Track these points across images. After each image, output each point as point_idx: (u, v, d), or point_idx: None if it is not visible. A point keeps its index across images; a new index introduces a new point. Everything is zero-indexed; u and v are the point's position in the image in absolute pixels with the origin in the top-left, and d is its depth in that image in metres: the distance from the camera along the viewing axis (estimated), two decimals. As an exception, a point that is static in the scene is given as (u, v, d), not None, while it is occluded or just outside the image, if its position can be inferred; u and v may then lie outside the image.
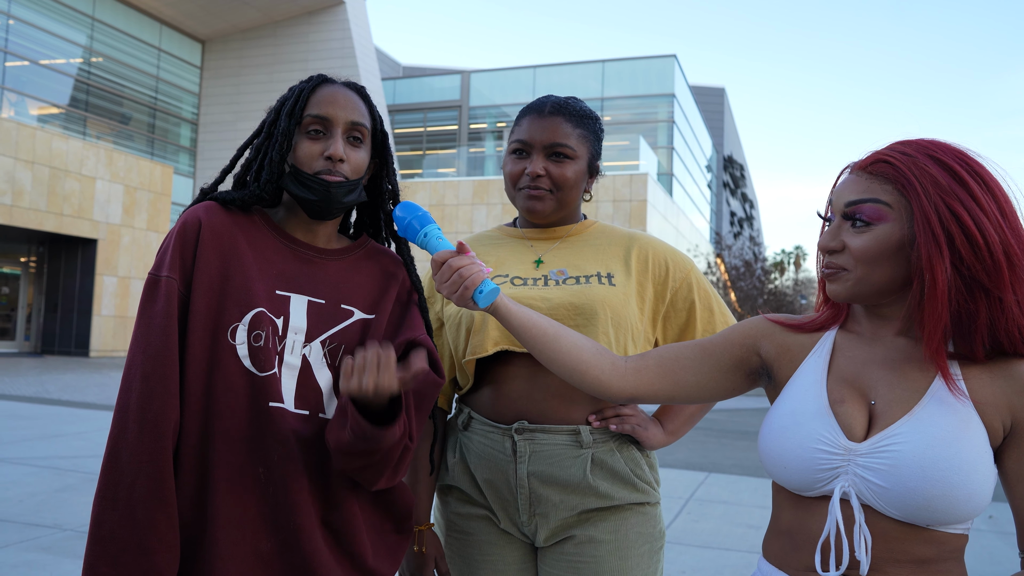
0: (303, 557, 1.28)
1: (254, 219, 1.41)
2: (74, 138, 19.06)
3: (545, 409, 1.57)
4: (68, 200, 18.39)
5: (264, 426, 1.29)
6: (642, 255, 1.67)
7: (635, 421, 1.59)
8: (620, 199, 23.21)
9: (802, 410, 1.16)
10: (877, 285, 1.13)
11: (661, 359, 1.33)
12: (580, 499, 1.56)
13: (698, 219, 36.88)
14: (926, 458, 1.04)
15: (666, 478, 6.83)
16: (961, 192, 1.06)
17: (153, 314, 1.27)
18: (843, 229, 1.14)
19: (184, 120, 26.36)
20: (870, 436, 1.10)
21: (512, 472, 1.57)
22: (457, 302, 1.31)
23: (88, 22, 22.05)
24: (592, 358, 1.33)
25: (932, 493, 1.03)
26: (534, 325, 1.34)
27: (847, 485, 1.09)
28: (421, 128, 32.32)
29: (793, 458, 1.13)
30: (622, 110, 29.59)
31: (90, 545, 1.20)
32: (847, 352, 1.19)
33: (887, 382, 1.13)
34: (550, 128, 1.63)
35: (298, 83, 1.43)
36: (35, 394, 11.09)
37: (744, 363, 1.30)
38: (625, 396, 1.34)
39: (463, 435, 1.66)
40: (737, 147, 57.56)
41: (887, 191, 1.10)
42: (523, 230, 1.74)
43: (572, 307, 1.56)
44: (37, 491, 5.21)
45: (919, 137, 1.14)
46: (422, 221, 1.38)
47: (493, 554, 1.63)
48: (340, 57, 25.26)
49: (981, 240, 1.05)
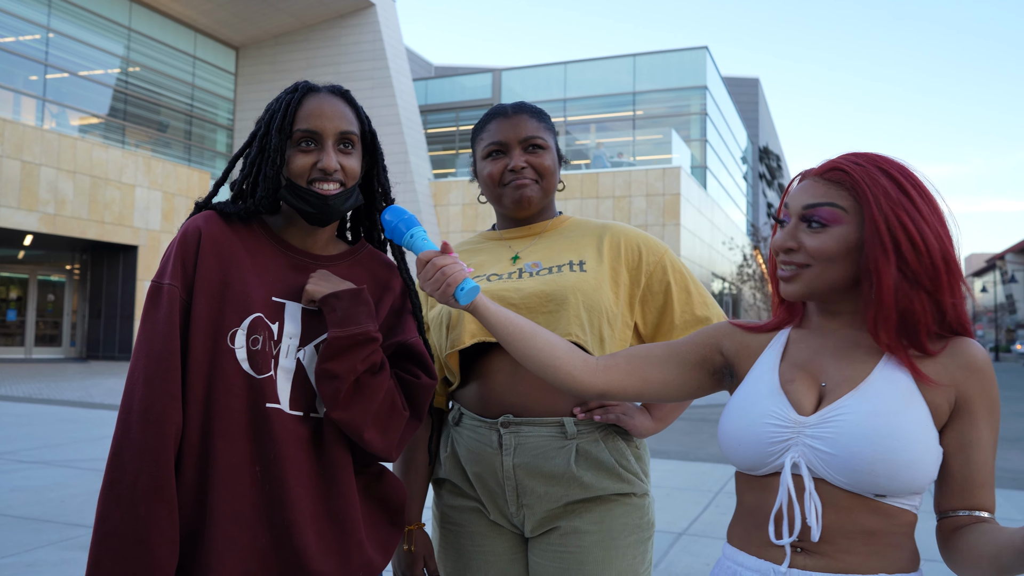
0: (296, 551, 1.33)
1: (252, 228, 1.46)
2: (113, 147, 19.51)
3: (529, 402, 1.61)
4: (109, 208, 18.82)
5: (261, 426, 1.34)
6: (614, 241, 1.72)
7: (619, 410, 1.62)
8: (653, 193, 23.08)
9: (755, 392, 1.25)
10: (830, 283, 1.21)
11: (631, 357, 1.40)
12: (565, 490, 1.59)
13: (734, 211, 36.49)
14: (869, 426, 1.12)
15: (696, 471, 6.81)
16: (907, 203, 1.17)
17: (156, 319, 1.33)
18: (800, 230, 1.22)
19: (220, 126, 26.79)
20: (819, 411, 1.18)
21: (499, 465, 1.61)
22: (440, 299, 1.37)
23: (125, 33, 22.52)
24: (565, 355, 1.39)
25: (874, 458, 1.10)
26: (511, 323, 1.40)
27: (797, 456, 1.16)
28: (454, 127, 32.41)
29: (746, 435, 1.21)
30: (654, 104, 29.38)
31: (95, 540, 1.26)
32: (800, 343, 1.28)
33: (837, 367, 1.22)
34: (520, 125, 1.72)
35: (283, 93, 1.46)
36: (79, 398, 11.39)
37: (708, 361, 1.38)
38: (596, 392, 1.39)
39: (454, 430, 1.71)
40: (773, 138, 56.82)
41: (843, 196, 1.20)
42: (501, 231, 1.82)
43: (544, 295, 1.62)
44: (79, 492, 5.37)
45: (867, 151, 1.23)
46: (408, 224, 1.43)
47: (484, 545, 1.67)
48: (371, 59, 25.46)
49: (923, 246, 1.15)
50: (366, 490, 1.47)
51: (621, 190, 23.28)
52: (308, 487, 1.37)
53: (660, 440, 8.66)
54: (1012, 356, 52.53)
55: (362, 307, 1.38)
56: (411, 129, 25.27)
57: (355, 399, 1.37)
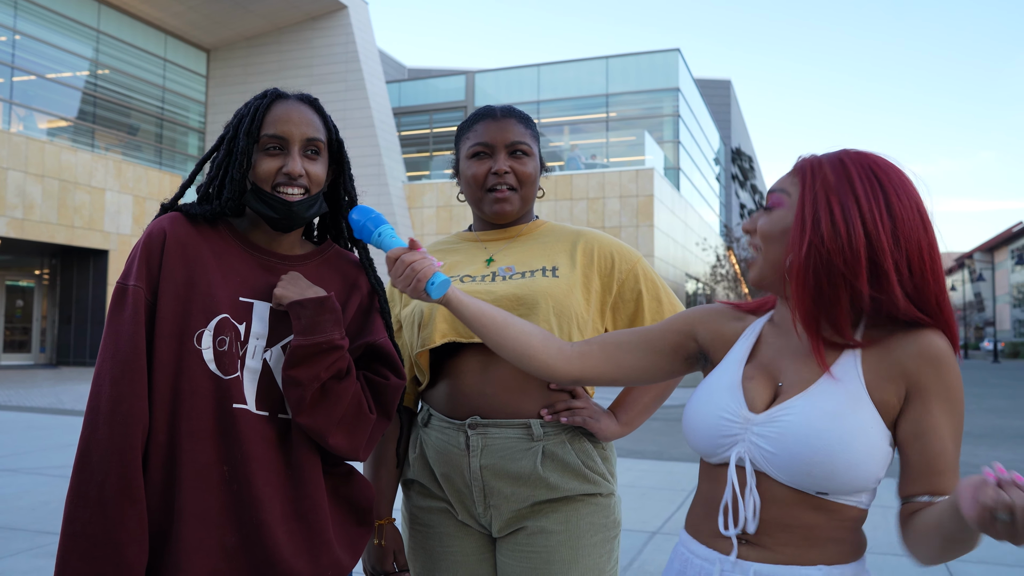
0: (265, 551, 1.34)
1: (219, 229, 1.47)
2: (83, 150, 19.26)
3: (496, 404, 1.62)
4: (79, 212, 18.58)
5: (229, 426, 1.35)
6: (588, 249, 1.73)
7: (586, 413, 1.64)
8: (626, 195, 23.20)
9: (718, 384, 1.29)
10: (772, 263, 1.25)
11: (605, 344, 1.44)
12: (531, 491, 1.61)
13: (707, 212, 36.76)
14: (811, 428, 1.15)
15: (670, 471, 6.87)
16: (844, 189, 1.18)
17: (122, 320, 1.34)
18: (760, 215, 1.30)
19: (191, 129, 26.54)
20: (768, 410, 1.22)
21: (466, 466, 1.63)
22: (411, 294, 1.38)
23: (93, 35, 22.25)
24: (540, 343, 1.43)
25: (814, 459, 1.13)
26: (483, 314, 1.43)
27: (743, 451, 1.21)
28: (427, 130, 32.35)
29: (702, 424, 1.27)
30: (627, 106, 29.54)
31: (63, 541, 1.27)
32: (768, 341, 1.32)
33: (794, 367, 1.25)
34: (507, 128, 1.72)
35: (253, 99, 1.48)
36: (50, 405, 11.24)
37: (682, 348, 1.42)
38: (571, 379, 1.43)
39: (423, 431, 1.72)
40: (745, 139, 57.30)
41: (792, 183, 1.26)
42: (477, 233, 1.82)
43: (515, 298, 1.63)
44: (49, 499, 5.30)
45: (857, 148, 1.26)
46: (376, 222, 1.45)
47: (452, 546, 1.69)
48: (344, 61, 25.36)
49: (844, 228, 1.16)
50: (334, 490, 1.48)
51: (595, 192, 23.38)
52: (276, 487, 1.38)
53: (635, 440, 8.71)
54: (981, 353, 53.36)
55: (327, 315, 1.39)
56: (384, 131, 25.20)
57: (320, 405, 1.39)
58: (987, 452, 8.53)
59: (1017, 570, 4.08)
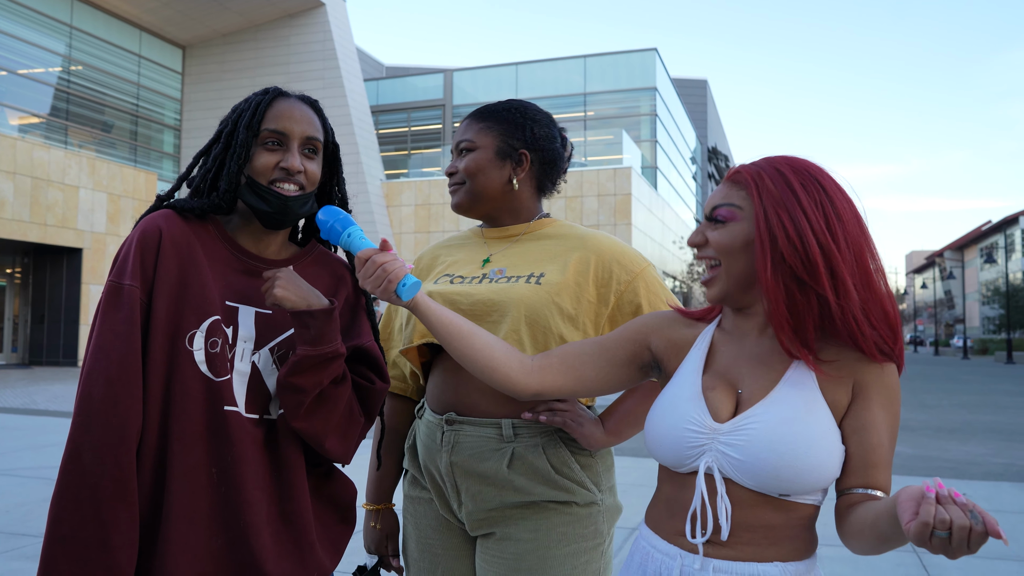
0: (251, 553, 1.35)
1: (208, 228, 1.46)
2: (56, 147, 19.01)
3: (470, 402, 1.64)
4: (51, 210, 18.34)
5: (219, 428, 1.35)
6: (584, 258, 1.67)
7: (569, 416, 1.59)
8: (604, 193, 23.29)
9: (679, 395, 1.31)
10: (736, 278, 1.28)
11: (564, 356, 1.45)
12: (498, 492, 1.60)
13: (683, 211, 36.98)
14: (775, 434, 1.19)
15: (650, 468, 6.91)
16: (790, 200, 1.23)
17: (116, 321, 1.32)
18: (707, 228, 1.32)
19: (167, 126, 26.29)
20: (732, 419, 1.25)
21: (440, 460, 1.65)
22: (382, 296, 1.37)
23: (66, 31, 21.97)
24: (502, 356, 1.42)
25: (780, 464, 1.18)
26: (450, 323, 1.42)
27: (711, 461, 1.24)
28: (405, 128, 32.29)
29: (667, 437, 1.28)
30: (605, 105, 29.66)
31: (48, 545, 1.25)
32: (721, 348, 1.34)
33: (752, 374, 1.28)
34: (460, 130, 1.78)
35: (253, 95, 1.48)
36: (23, 405, 11.09)
37: (637, 357, 1.43)
38: (531, 392, 1.43)
39: (417, 423, 1.76)
40: (721, 138, 57.68)
41: (741, 196, 1.28)
42: (483, 230, 1.82)
43: (489, 303, 1.62)
44: (24, 501, 5.25)
45: (783, 155, 1.30)
46: (344, 223, 1.42)
47: (434, 539, 1.72)
48: (322, 59, 25.23)
49: (799, 241, 1.21)
50: (316, 490, 1.49)
51: (573, 190, 23.45)
52: (264, 489, 1.38)
53: (613, 437, 8.74)
54: (951, 350, 54.11)
55: (334, 324, 1.39)
56: (362, 130, 25.11)
57: (318, 410, 1.39)
58: (958, 446, 8.67)
59: (986, 561, 4.17)
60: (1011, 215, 50.60)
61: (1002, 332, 45.56)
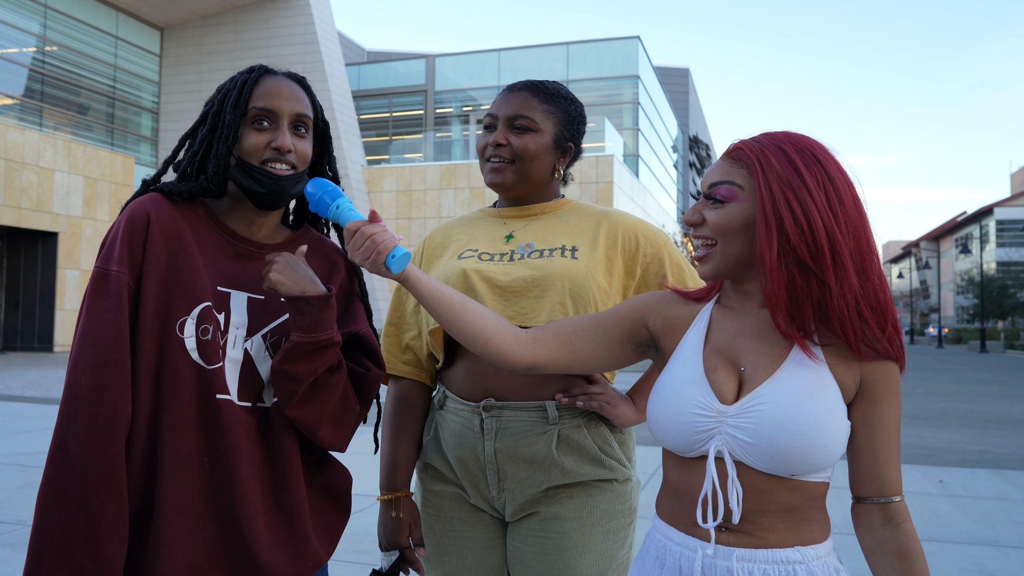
0: (245, 543, 1.32)
1: (197, 212, 1.43)
2: (30, 129, 18.72)
3: (511, 386, 1.60)
4: (26, 193, 18.07)
5: (211, 417, 1.32)
6: (612, 231, 1.68)
7: (603, 399, 1.60)
8: (586, 181, 23.29)
9: (682, 378, 1.28)
10: (733, 258, 1.26)
11: (559, 330, 1.42)
12: (545, 475, 1.59)
13: (665, 199, 37.09)
14: (785, 415, 1.17)
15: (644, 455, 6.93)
16: (795, 181, 1.20)
17: (103, 308, 1.29)
18: (704, 206, 1.28)
19: (144, 109, 25.95)
20: (739, 399, 1.23)
21: (481, 449, 1.61)
22: (371, 268, 1.34)
23: (41, 10, 21.58)
24: (495, 328, 1.40)
25: (792, 445, 1.17)
26: (442, 295, 1.39)
27: (720, 444, 1.22)
28: (387, 113, 32.07)
29: (674, 423, 1.26)
30: (587, 92, 29.60)
31: (36, 536, 1.22)
32: (721, 325, 1.32)
33: (754, 351, 1.26)
34: (515, 101, 1.69)
35: (239, 73, 1.45)
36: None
37: (634, 335, 1.40)
38: (525, 365, 1.41)
39: (438, 414, 1.70)
40: (703, 127, 57.83)
41: (741, 175, 1.25)
42: (499, 209, 1.79)
43: (530, 279, 1.60)
44: (0, 488, 5.18)
45: (783, 130, 1.28)
46: (333, 195, 1.39)
47: (463, 531, 1.67)
48: (302, 43, 24.96)
49: (806, 224, 1.18)
50: (311, 478, 1.46)
51: (555, 178, 23.41)
52: (258, 478, 1.36)
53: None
54: (926, 339, 54.79)
55: (330, 311, 1.36)
56: (344, 115, 24.91)
57: (312, 398, 1.37)
58: (933, 434, 8.78)
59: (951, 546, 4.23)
60: (986, 206, 51.22)
61: (976, 321, 46.20)
